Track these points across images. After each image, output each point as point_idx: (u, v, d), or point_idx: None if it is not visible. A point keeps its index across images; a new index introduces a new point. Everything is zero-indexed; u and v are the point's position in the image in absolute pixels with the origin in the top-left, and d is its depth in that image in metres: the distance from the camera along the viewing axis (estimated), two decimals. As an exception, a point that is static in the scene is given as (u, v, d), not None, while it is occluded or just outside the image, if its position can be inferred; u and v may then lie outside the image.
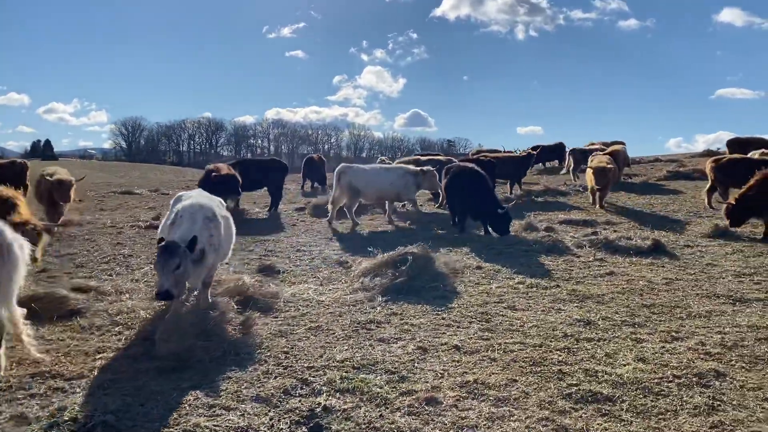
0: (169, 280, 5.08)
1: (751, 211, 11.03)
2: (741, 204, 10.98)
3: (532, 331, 6.01)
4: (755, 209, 10.91)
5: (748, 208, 10.97)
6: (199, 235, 5.63)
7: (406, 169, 14.04)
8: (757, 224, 11.88)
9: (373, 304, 6.89)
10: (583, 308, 6.85)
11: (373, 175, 13.31)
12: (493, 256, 9.82)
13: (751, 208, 10.93)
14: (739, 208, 11.01)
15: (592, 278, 8.31)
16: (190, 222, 5.67)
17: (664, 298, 7.28)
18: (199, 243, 5.40)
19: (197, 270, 5.71)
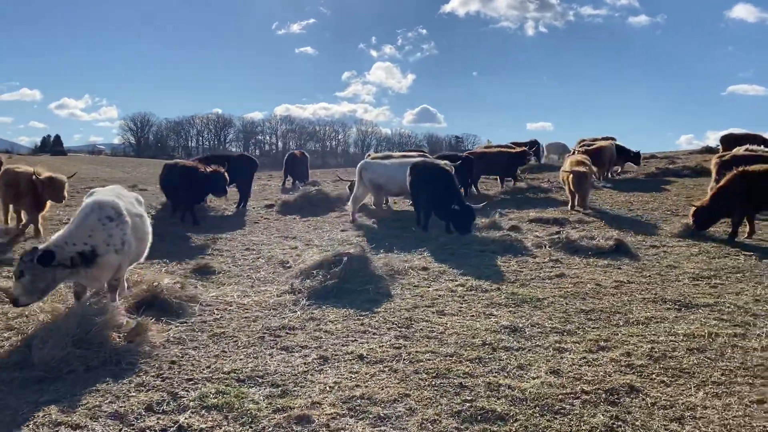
0: (18, 288, 4.76)
1: (722, 213, 10.55)
2: (714, 205, 10.49)
3: (451, 339, 5.64)
4: (726, 210, 10.42)
5: (718, 210, 10.48)
6: (93, 235, 5.30)
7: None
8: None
9: (294, 308, 6.54)
10: (516, 313, 6.47)
11: (394, 170, 13.04)
12: (446, 256, 9.44)
13: (723, 209, 10.44)
14: (709, 210, 10.51)
15: (539, 281, 7.92)
16: (76, 223, 5.34)
17: (607, 303, 6.89)
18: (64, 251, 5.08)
19: (92, 272, 5.39)
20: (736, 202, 10.21)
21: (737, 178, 10.32)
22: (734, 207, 10.27)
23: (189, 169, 12.54)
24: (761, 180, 10.09)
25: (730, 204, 10.27)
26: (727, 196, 10.32)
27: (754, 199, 10.12)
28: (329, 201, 15.24)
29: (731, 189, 10.30)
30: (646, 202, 15.46)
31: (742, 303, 6.90)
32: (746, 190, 10.14)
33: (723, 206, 10.41)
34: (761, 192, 10.06)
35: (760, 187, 10.06)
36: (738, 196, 10.17)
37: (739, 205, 10.20)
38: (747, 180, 10.17)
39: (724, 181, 10.57)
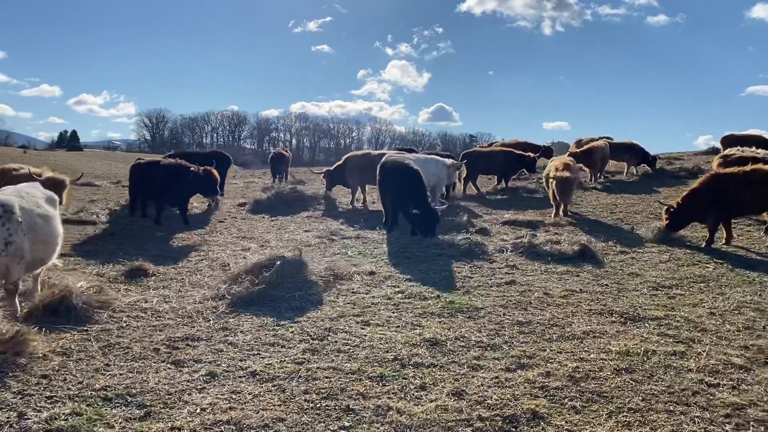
0: None
1: (693, 216, 10.02)
2: (684, 207, 9.97)
3: (362, 353, 5.23)
4: (699, 213, 9.89)
5: (691, 212, 9.96)
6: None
7: (443, 161, 13.87)
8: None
9: (209, 317, 6.15)
10: (446, 324, 6.04)
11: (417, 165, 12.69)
12: (400, 259, 9.02)
13: (695, 212, 9.92)
14: (682, 211, 9.98)
15: (485, 288, 7.48)
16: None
17: (548, 314, 6.44)
18: None
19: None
20: (708, 207, 9.66)
21: (709, 182, 9.79)
22: (707, 211, 9.73)
23: (179, 168, 12.00)
24: (733, 184, 9.55)
25: (702, 208, 9.72)
26: (699, 200, 9.78)
27: (724, 203, 9.57)
28: (303, 200, 14.87)
29: (703, 192, 9.76)
30: (632, 205, 14.92)
31: (695, 316, 6.43)
32: (718, 194, 9.61)
33: (693, 209, 9.87)
34: (733, 197, 9.51)
35: (732, 191, 9.51)
36: (710, 200, 9.63)
37: (711, 209, 9.66)
38: (719, 183, 9.63)
39: (697, 183, 10.05)
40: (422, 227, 10.54)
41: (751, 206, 9.83)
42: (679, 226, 10.20)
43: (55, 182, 9.70)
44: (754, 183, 9.44)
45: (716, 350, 5.42)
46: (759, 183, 9.46)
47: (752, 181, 9.46)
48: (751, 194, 9.47)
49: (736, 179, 9.56)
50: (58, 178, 9.96)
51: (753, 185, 9.43)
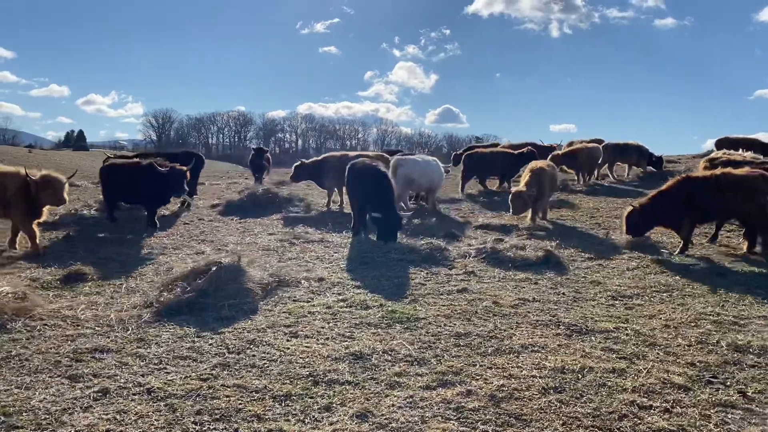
0: None
1: (659, 220, 9.57)
2: (649, 210, 9.50)
3: (276, 369, 4.89)
4: (665, 217, 9.44)
5: (657, 215, 9.51)
6: None
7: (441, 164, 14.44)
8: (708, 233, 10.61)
9: (129, 326, 5.83)
10: (379, 336, 5.70)
11: (424, 166, 13.59)
12: (356, 265, 8.69)
13: (661, 215, 9.47)
14: (643, 214, 9.50)
15: (434, 296, 7.13)
16: None
17: (491, 325, 6.09)
18: None
19: None
20: (676, 211, 9.21)
21: (680, 184, 9.35)
22: (675, 216, 9.27)
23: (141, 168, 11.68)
24: (703, 188, 9.14)
25: (670, 212, 9.25)
26: (667, 203, 9.31)
27: (695, 208, 9.15)
28: (277, 201, 14.54)
29: (672, 195, 9.29)
30: (614, 209, 14.53)
31: (647, 329, 6.07)
32: (688, 197, 9.18)
33: (660, 212, 9.37)
34: (703, 201, 9.09)
35: (701, 195, 9.09)
36: (680, 204, 9.18)
37: (680, 213, 9.22)
38: (690, 187, 9.21)
39: (667, 185, 9.57)
40: (384, 232, 10.21)
41: (720, 212, 9.41)
42: (643, 229, 9.72)
43: (51, 181, 9.27)
44: (724, 187, 9.02)
45: (659, 367, 5.06)
46: (729, 187, 9.03)
47: (722, 186, 9.04)
48: (720, 199, 9.05)
49: (708, 183, 9.15)
50: (54, 176, 9.39)
51: (723, 190, 9.00)
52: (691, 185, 9.22)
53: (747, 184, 9.06)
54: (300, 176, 15.27)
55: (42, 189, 9.15)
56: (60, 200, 9.44)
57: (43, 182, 9.19)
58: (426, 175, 13.65)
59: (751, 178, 9.14)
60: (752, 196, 9.03)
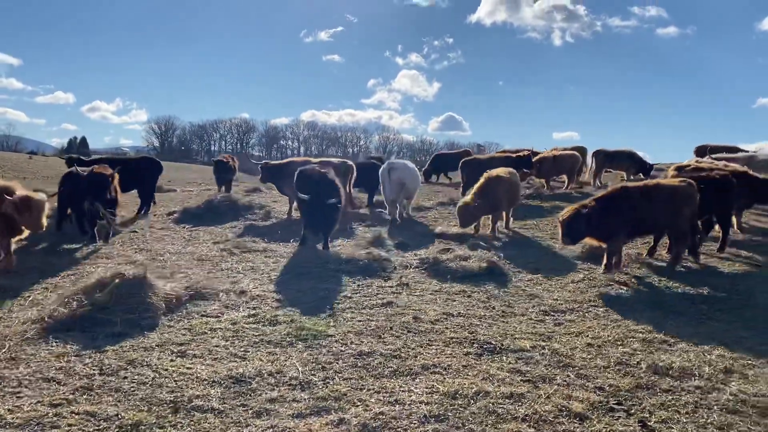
0: None
1: (590, 230, 8.57)
2: (582, 215, 8.47)
3: (141, 393, 4.50)
4: (597, 229, 8.52)
5: (589, 225, 8.49)
6: None
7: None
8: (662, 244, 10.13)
9: (11, 341, 5.43)
10: (273, 356, 5.32)
11: (412, 171, 13.93)
12: (290, 276, 8.31)
13: (594, 225, 8.51)
14: (579, 219, 8.48)
15: (356, 310, 6.74)
16: None
17: (401, 343, 5.70)
18: None
19: None
20: (610, 221, 8.43)
21: (616, 194, 8.69)
22: (608, 227, 8.49)
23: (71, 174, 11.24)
24: (637, 198, 8.54)
25: (604, 222, 8.43)
26: (601, 212, 8.50)
27: (628, 219, 8.46)
28: (236, 209, 14.15)
29: (607, 204, 8.55)
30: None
31: (567, 348, 5.68)
32: (624, 207, 8.50)
33: (594, 222, 8.47)
34: (636, 213, 8.45)
35: (634, 206, 8.46)
36: (614, 214, 8.50)
37: (613, 225, 8.46)
38: (625, 197, 8.61)
39: (602, 194, 8.87)
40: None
41: (651, 225, 8.78)
42: (578, 237, 8.79)
43: (30, 203, 8.17)
44: (655, 199, 8.55)
45: (561, 393, 4.66)
46: (662, 199, 8.58)
47: (654, 197, 8.56)
48: (652, 211, 8.52)
49: (641, 193, 8.62)
50: (34, 198, 8.29)
51: (654, 201, 8.52)
52: (626, 195, 8.65)
53: (674, 194, 8.65)
54: (266, 178, 14.98)
55: (19, 211, 8.09)
56: (37, 227, 8.38)
57: (22, 204, 8.11)
58: (414, 181, 14.01)
59: (680, 188, 8.74)
60: (680, 207, 8.62)
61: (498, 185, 11.38)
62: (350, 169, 14.75)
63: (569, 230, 8.34)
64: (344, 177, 14.51)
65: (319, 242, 10.23)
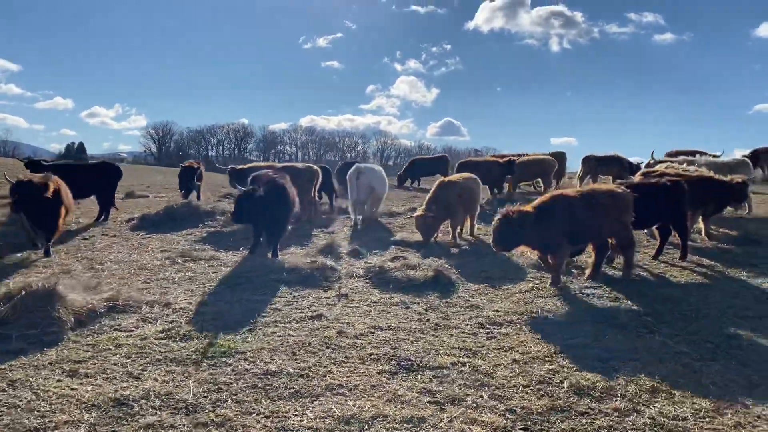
0: None
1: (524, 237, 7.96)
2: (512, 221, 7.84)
3: (5, 421, 4.14)
4: (530, 237, 7.94)
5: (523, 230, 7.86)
6: None
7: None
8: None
9: None
10: (171, 376, 4.97)
11: (380, 174, 13.97)
12: (227, 287, 7.97)
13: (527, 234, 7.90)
14: (509, 225, 7.84)
15: (280, 324, 6.40)
16: None
17: (314, 361, 5.37)
18: None
19: None
20: (546, 230, 7.90)
21: (551, 201, 8.15)
22: (544, 236, 7.95)
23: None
24: (574, 205, 8.06)
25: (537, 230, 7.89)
26: (537, 219, 7.92)
27: (567, 227, 7.96)
28: (198, 215, 13.79)
29: (543, 211, 7.98)
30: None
31: (491, 365, 5.35)
32: (561, 215, 7.99)
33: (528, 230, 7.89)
34: (574, 220, 7.98)
35: (572, 214, 7.99)
36: (552, 222, 7.94)
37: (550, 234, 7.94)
38: (562, 204, 8.10)
39: (538, 201, 8.29)
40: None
41: (591, 232, 8.27)
42: (514, 244, 8.11)
43: None
44: (593, 205, 8.22)
45: (467, 416, 4.34)
46: (598, 205, 8.23)
47: (592, 204, 8.23)
48: (589, 218, 8.06)
49: (579, 200, 8.15)
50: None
51: (592, 208, 8.19)
52: (563, 202, 8.11)
53: (614, 200, 8.31)
54: (233, 182, 14.77)
55: None
56: None
57: None
58: (382, 186, 14.06)
59: (621, 194, 8.41)
60: (620, 214, 8.31)
61: (450, 191, 11.06)
62: (315, 175, 14.43)
63: (500, 237, 7.88)
64: (309, 182, 14.23)
65: (268, 252, 9.89)
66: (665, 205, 9.53)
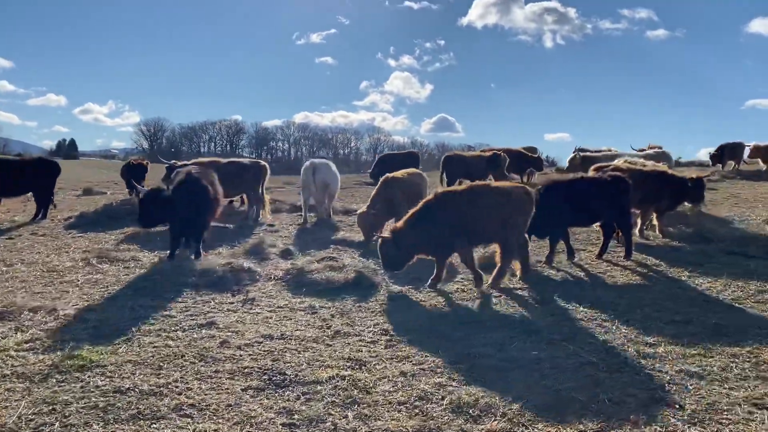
0: None
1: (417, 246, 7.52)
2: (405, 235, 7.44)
3: None
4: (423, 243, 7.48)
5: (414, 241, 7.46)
6: None
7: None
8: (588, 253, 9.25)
9: None
10: (7, 394, 4.44)
11: (334, 171, 13.74)
12: (124, 291, 7.49)
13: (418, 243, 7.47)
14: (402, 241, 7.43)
15: (162, 334, 5.89)
16: None
17: (177, 375, 4.86)
18: None
19: None
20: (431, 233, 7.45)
21: (433, 202, 7.61)
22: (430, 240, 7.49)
23: None
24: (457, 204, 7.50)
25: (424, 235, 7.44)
26: (423, 225, 7.51)
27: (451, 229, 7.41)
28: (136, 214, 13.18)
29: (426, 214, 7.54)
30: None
31: (375, 378, 4.90)
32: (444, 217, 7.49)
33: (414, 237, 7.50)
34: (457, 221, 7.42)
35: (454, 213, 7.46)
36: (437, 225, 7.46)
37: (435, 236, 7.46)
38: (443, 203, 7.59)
39: (420, 204, 7.78)
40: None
41: (477, 233, 7.66)
42: (402, 261, 7.59)
43: None
44: (478, 203, 7.57)
45: (315, 441, 3.82)
46: (484, 204, 7.54)
47: (475, 200, 7.58)
48: (475, 218, 7.50)
49: (460, 198, 7.57)
50: None
51: (477, 206, 7.54)
52: (444, 201, 7.57)
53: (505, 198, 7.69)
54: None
55: None
56: None
57: None
58: (336, 182, 13.78)
59: (513, 192, 7.79)
60: (510, 214, 7.64)
61: (393, 188, 10.58)
62: (263, 170, 13.88)
63: (385, 261, 7.51)
64: (256, 179, 13.68)
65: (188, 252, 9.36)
66: (607, 201, 9.08)
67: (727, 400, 4.48)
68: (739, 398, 4.51)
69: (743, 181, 19.63)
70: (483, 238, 7.85)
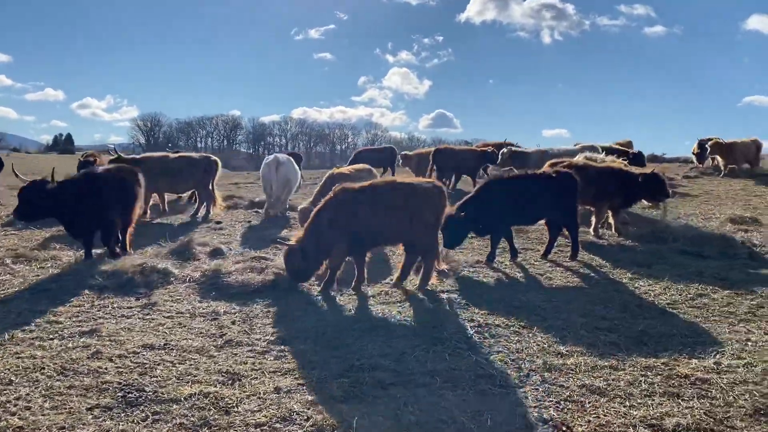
0: None
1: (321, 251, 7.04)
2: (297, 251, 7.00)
3: None
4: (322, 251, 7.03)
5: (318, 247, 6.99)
6: None
7: None
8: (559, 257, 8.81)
9: None
10: None
11: (295, 167, 13.59)
12: (26, 295, 7.03)
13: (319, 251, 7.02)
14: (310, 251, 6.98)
15: (35, 342, 5.44)
16: None
17: (25, 391, 4.41)
18: None
19: None
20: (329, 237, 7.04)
21: (334, 199, 7.19)
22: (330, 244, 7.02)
23: None
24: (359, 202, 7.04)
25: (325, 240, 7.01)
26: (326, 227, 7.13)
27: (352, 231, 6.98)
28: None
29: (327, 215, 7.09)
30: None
31: (241, 396, 4.43)
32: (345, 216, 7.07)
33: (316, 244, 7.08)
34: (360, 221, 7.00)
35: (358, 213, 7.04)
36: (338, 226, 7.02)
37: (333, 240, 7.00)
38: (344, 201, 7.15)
39: (323, 202, 7.35)
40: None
41: (378, 235, 7.15)
42: (305, 276, 7.16)
43: None
44: (378, 203, 7.05)
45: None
46: (395, 202, 7.06)
47: (376, 200, 7.07)
48: (378, 217, 6.99)
49: (363, 195, 7.06)
50: None
51: (377, 205, 7.03)
52: (343, 200, 7.06)
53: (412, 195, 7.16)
54: None
55: None
56: None
57: None
58: (296, 178, 13.65)
59: (421, 189, 7.27)
60: (420, 212, 7.13)
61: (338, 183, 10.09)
62: (213, 165, 13.38)
63: (291, 273, 7.11)
64: (206, 174, 13.19)
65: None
66: (551, 198, 8.64)
67: (622, 421, 4.05)
68: (636, 418, 4.07)
69: (722, 178, 19.14)
70: (390, 238, 7.39)
